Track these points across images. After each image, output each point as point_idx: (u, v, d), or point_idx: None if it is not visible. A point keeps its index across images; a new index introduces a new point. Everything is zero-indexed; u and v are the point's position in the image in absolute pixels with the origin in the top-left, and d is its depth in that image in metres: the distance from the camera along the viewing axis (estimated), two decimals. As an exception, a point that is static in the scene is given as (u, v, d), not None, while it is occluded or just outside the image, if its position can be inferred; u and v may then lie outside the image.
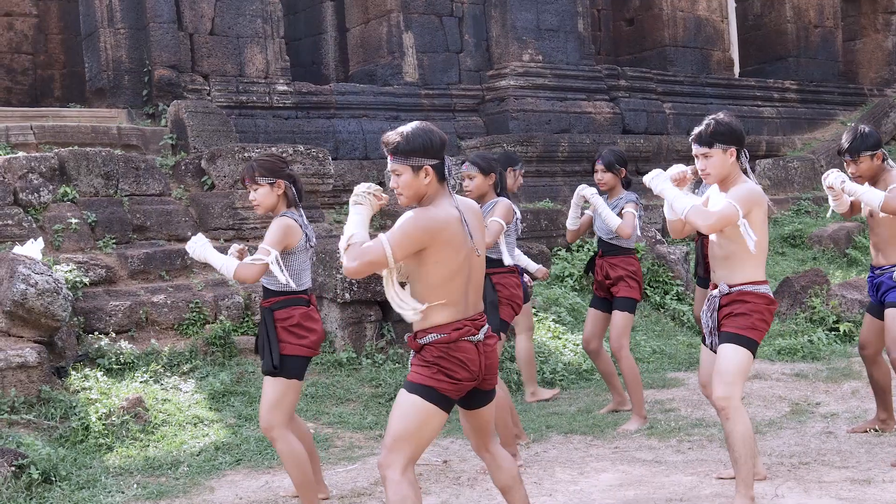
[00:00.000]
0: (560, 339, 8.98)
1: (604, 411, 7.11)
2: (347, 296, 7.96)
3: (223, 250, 5.44)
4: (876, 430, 6.12)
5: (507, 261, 6.01)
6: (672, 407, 7.18)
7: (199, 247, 5.07)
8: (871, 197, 5.43)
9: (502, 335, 6.03)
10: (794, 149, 15.31)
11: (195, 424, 6.72)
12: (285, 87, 11.94)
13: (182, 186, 9.78)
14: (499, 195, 6.08)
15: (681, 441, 6.22)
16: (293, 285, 4.87)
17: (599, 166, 6.92)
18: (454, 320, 3.68)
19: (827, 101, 16.72)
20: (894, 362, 5.63)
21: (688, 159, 14.27)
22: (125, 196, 9.19)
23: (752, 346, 4.58)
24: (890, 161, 5.67)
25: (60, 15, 14.83)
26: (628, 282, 6.82)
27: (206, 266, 8.87)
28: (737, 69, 17.99)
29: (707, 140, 4.59)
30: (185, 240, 9.14)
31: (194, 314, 8.04)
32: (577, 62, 13.94)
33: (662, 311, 10.31)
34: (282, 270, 4.78)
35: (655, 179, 4.69)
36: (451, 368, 3.66)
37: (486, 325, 3.80)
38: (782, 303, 10.16)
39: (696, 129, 4.65)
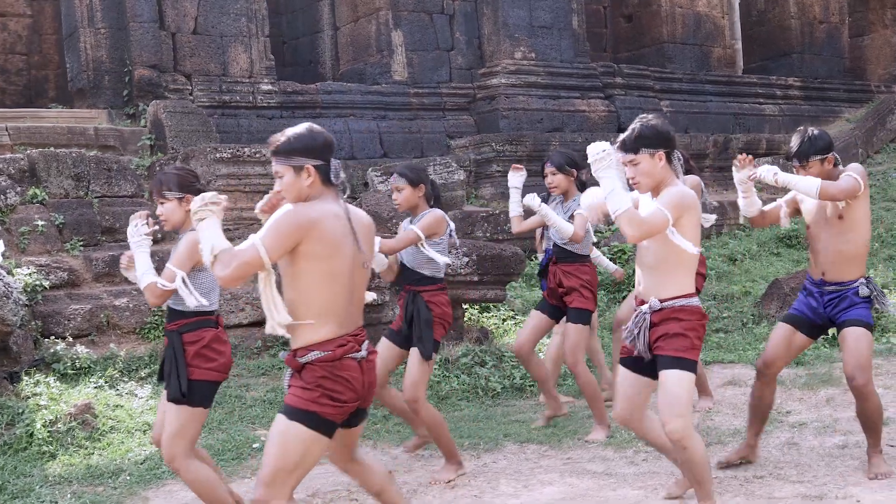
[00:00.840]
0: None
1: (539, 423, 6.80)
2: (311, 299, 7.79)
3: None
4: (742, 462, 5.57)
5: (441, 263, 5.74)
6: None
7: (133, 244, 4.73)
8: (807, 185, 5.00)
9: (434, 355, 5.77)
10: (796, 147, 14.99)
11: (144, 432, 6.58)
12: (270, 87, 11.81)
13: (156, 187, 9.65)
14: (432, 206, 5.82)
15: (637, 452, 6.01)
16: (205, 303, 4.53)
17: (549, 169, 6.65)
18: (337, 336, 3.47)
19: (832, 99, 16.40)
20: (858, 388, 5.14)
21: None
22: (96, 197, 9.07)
23: (693, 368, 4.27)
24: (841, 166, 5.34)
25: (54, 15, 14.76)
26: (582, 292, 6.52)
27: (175, 269, 8.76)
28: (741, 66, 17.70)
29: (632, 146, 4.23)
30: (156, 242, 9.05)
31: (157, 318, 7.91)
32: (571, 60, 13.72)
33: (646, 314, 10.06)
34: (190, 293, 4.41)
35: (602, 158, 4.13)
36: (336, 390, 3.44)
37: (367, 341, 3.61)
38: (770, 305, 9.93)
39: (621, 136, 4.39)
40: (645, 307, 4.27)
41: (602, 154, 4.13)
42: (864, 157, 15.24)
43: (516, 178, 6.76)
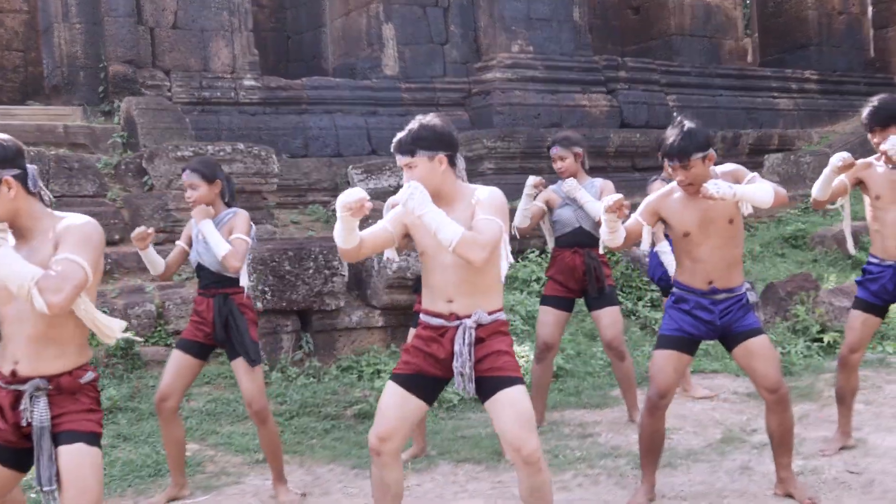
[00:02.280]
0: (505, 350, 8.35)
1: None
2: (260, 304, 7.43)
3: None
4: None
5: (244, 281, 5.31)
6: (593, 431, 6.52)
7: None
8: (762, 194, 4.51)
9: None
10: (810, 142, 14.39)
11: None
12: (252, 82, 11.48)
13: (122, 187, 9.37)
14: (228, 205, 5.36)
15: (576, 475, 5.57)
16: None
17: (558, 152, 6.60)
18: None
19: (851, 92, 15.73)
20: (783, 397, 4.68)
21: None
22: (55, 197, 8.79)
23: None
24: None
25: (51, 11, 14.59)
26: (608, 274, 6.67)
27: (129, 271, 8.47)
28: (757, 59, 17.07)
29: (408, 148, 3.84)
30: (112, 243, 8.76)
31: (100, 322, 7.58)
32: (571, 53, 13.24)
33: (633, 318, 9.60)
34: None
35: (414, 196, 3.69)
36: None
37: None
38: (765, 310, 9.40)
39: (397, 136, 3.98)
40: (469, 321, 3.84)
41: (412, 192, 3.71)
42: (883, 153, 14.57)
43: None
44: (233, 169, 9.22)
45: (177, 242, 5.50)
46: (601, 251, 6.52)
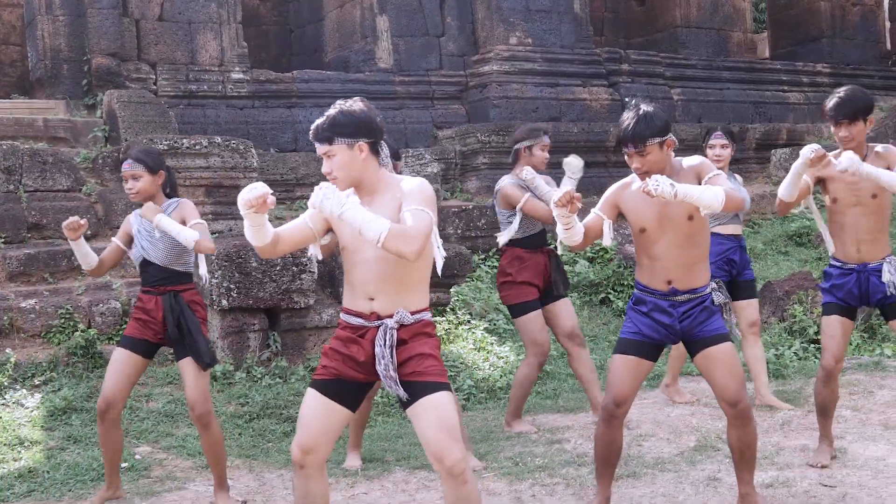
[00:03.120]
0: (484, 350, 8.07)
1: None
2: (225, 302, 7.19)
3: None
4: None
5: (203, 271, 5.06)
6: (562, 437, 6.21)
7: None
8: (710, 197, 4.17)
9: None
10: (821, 137, 13.97)
11: (13, 447, 6.04)
12: (241, 75, 11.24)
13: (99, 181, 9.17)
14: (168, 196, 5.11)
15: (533, 485, 5.26)
16: None
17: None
18: None
19: (865, 86, 15.19)
20: (744, 412, 4.30)
21: (694, 149, 13.14)
22: (27, 192, 8.60)
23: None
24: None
25: (49, 4, 14.43)
26: None
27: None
28: (768, 52, 16.66)
29: (325, 135, 3.62)
30: (86, 238, 8.55)
31: (63, 321, 7.38)
32: (572, 45, 12.91)
33: (623, 318, 9.25)
34: None
35: (329, 197, 3.44)
36: None
37: None
38: (762, 311, 9.05)
39: (314, 123, 3.73)
40: (391, 321, 3.58)
41: (325, 194, 3.46)
42: (897, 148, 14.13)
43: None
44: (210, 163, 8.99)
45: (112, 239, 5.26)
46: (559, 251, 6.21)
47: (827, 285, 5.26)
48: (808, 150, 4.86)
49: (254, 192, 3.42)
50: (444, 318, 8.50)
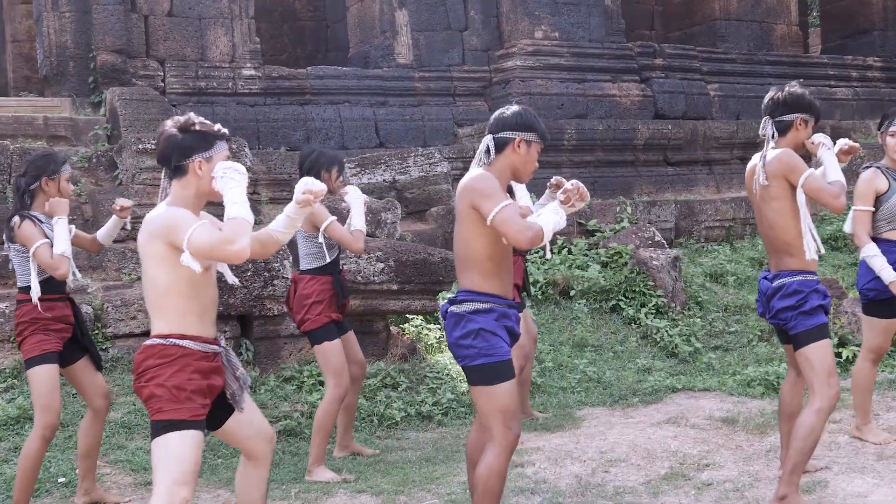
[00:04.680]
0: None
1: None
2: (194, 309, 6.89)
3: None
4: None
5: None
6: (527, 461, 5.78)
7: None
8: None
9: None
10: (868, 135, 13.24)
11: (-42, 458, 5.85)
12: (252, 72, 10.98)
13: (93, 181, 8.99)
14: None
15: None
16: None
17: None
18: None
19: (920, 80, 14.47)
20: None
21: (730, 147, 12.57)
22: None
23: (176, 427, 3.45)
24: None
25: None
26: None
27: (79, 269, 8.03)
28: (818, 46, 15.87)
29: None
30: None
31: (31, 326, 7.16)
32: (601, 39, 12.39)
33: (634, 326, 8.79)
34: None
35: (230, 175, 3.46)
36: None
37: None
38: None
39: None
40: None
41: (227, 171, 3.44)
42: (952, 146, 13.29)
43: None
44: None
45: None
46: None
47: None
48: (844, 143, 4.89)
49: (318, 186, 3.59)
50: (433, 327, 8.14)
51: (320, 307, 5.69)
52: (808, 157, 4.74)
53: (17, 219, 5.05)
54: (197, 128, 3.52)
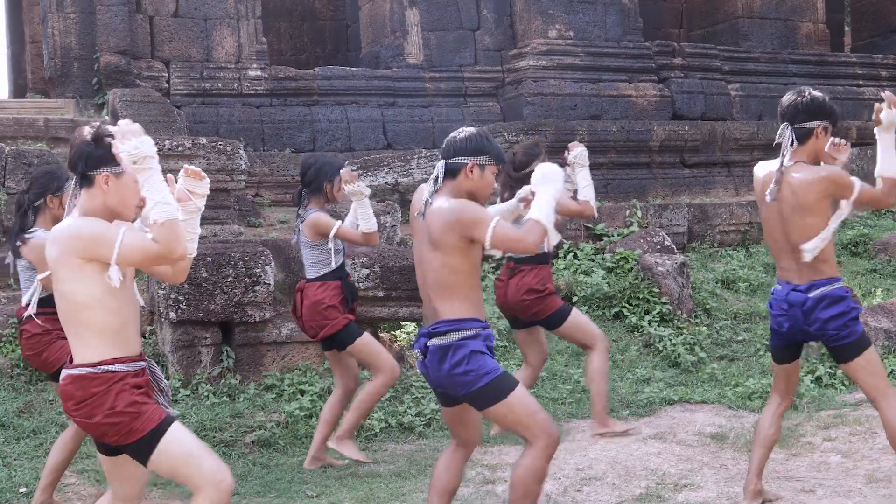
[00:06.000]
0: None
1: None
2: (173, 314, 6.77)
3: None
4: None
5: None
6: (500, 477, 5.57)
7: None
8: None
9: None
10: (898, 136, 12.81)
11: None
12: (258, 73, 10.87)
13: (89, 183, 8.92)
14: None
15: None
16: None
17: None
18: None
19: (954, 80, 13.99)
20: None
21: (750, 149, 12.23)
22: (9, 194, 8.38)
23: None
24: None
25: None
26: None
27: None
28: (847, 44, 15.44)
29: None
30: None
31: (13, 330, 7.09)
32: (618, 38, 12.12)
33: (637, 334, 8.52)
34: None
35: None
36: None
37: None
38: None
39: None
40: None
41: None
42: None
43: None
44: (195, 165, 8.61)
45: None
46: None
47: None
48: None
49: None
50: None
51: (336, 311, 5.72)
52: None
53: (26, 236, 5.01)
54: (109, 140, 3.34)
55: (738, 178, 11.91)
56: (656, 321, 8.59)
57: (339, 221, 5.72)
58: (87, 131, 3.42)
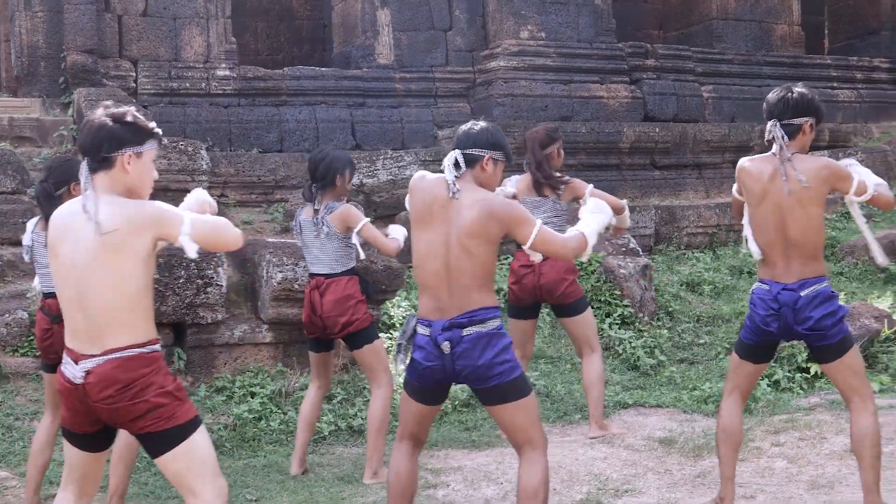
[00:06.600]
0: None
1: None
2: (124, 317, 6.73)
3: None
4: None
5: None
6: (441, 482, 5.56)
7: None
8: None
9: None
10: (870, 138, 12.82)
11: None
12: (227, 72, 10.82)
13: (51, 183, 8.87)
14: None
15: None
16: None
17: None
18: None
19: (929, 82, 13.99)
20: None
21: (721, 151, 12.22)
22: (-33, 193, 8.35)
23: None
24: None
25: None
26: None
27: (24, 274, 7.93)
28: (825, 46, 15.43)
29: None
30: (18, 242, 8.25)
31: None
32: (591, 39, 12.08)
33: (598, 336, 8.47)
34: None
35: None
36: None
37: None
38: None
39: None
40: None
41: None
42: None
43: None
44: (155, 165, 8.58)
45: None
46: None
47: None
48: None
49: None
50: (384, 336, 7.91)
51: (365, 305, 5.74)
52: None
53: None
54: (129, 119, 3.38)
55: (708, 180, 11.90)
56: (617, 324, 8.59)
57: (368, 219, 5.71)
58: (102, 113, 3.40)
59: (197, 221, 3.32)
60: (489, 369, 3.73)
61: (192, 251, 3.28)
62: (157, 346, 3.32)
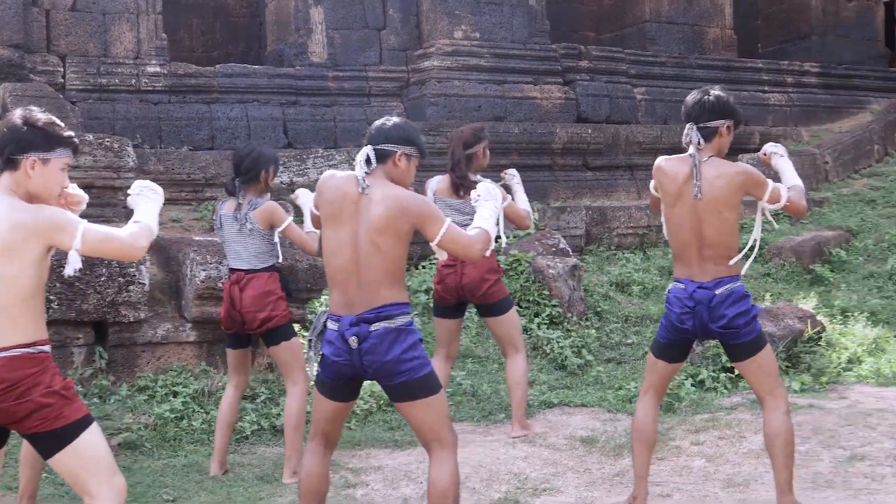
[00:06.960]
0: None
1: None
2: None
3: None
4: None
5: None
6: (362, 481, 5.54)
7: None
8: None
9: None
10: (799, 141, 13.05)
11: None
12: (157, 69, 10.69)
13: (-29, 180, 8.69)
14: None
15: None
16: None
17: None
18: None
19: (858, 87, 14.29)
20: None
21: (653, 152, 12.34)
22: None
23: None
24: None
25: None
26: None
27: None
28: (757, 50, 15.68)
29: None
30: None
31: None
32: (524, 40, 12.15)
33: (525, 336, 8.51)
34: None
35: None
36: None
37: None
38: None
39: None
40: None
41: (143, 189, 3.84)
42: (882, 154, 13.14)
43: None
44: (80, 162, 8.43)
45: None
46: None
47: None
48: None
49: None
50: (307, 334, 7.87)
51: (284, 303, 5.68)
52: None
53: None
54: (40, 125, 3.39)
55: (640, 181, 12.02)
56: (545, 324, 8.62)
57: (291, 218, 5.67)
58: (17, 115, 3.42)
59: (89, 233, 3.30)
60: (397, 365, 3.71)
61: (71, 268, 3.31)
62: (46, 347, 3.30)
